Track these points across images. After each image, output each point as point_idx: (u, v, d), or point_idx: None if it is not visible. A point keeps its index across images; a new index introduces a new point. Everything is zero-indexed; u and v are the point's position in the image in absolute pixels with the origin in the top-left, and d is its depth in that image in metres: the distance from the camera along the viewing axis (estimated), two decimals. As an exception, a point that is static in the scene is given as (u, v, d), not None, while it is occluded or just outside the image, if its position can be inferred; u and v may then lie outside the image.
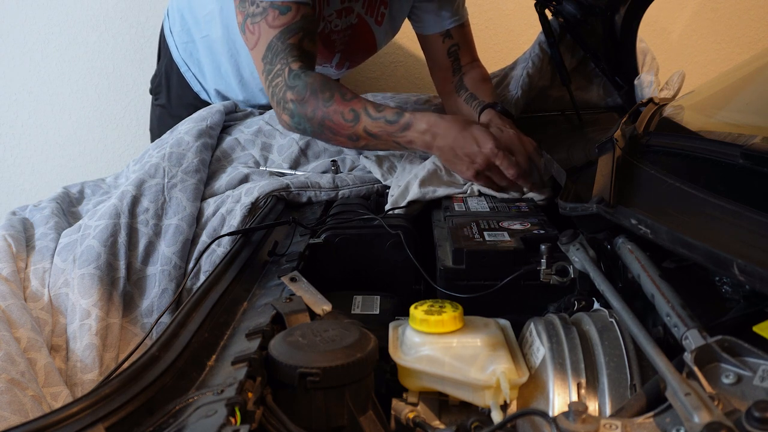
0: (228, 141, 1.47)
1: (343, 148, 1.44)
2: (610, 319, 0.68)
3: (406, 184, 1.19)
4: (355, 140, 1.23)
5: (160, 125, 1.67)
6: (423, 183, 1.18)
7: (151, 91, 1.78)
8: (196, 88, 1.69)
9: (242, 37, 1.31)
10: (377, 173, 1.30)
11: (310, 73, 1.23)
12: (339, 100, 1.20)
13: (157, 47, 1.81)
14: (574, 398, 0.62)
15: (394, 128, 1.18)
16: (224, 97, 1.66)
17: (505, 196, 1.17)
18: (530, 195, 1.18)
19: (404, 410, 0.67)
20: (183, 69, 1.68)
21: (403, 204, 1.17)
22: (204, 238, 1.22)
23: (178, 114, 1.58)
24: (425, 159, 1.27)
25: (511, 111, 1.49)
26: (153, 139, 1.69)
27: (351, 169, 1.40)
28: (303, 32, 1.25)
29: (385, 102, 1.57)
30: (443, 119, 1.18)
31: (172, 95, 1.70)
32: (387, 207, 1.18)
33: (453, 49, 1.52)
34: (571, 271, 0.81)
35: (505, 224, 0.98)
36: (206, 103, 1.62)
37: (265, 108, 1.62)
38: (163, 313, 1.08)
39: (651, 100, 1.22)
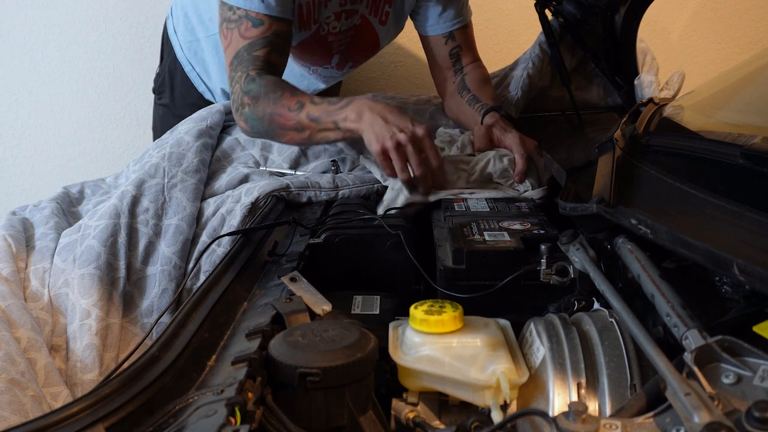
0: (228, 141, 1.47)
1: (342, 148, 1.44)
2: (610, 319, 0.68)
3: (400, 187, 1.19)
4: (300, 130, 1.24)
5: (163, 125, 1.67)
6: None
7: (154, 91, 1.77)
8: (201, 88, 1.68)
9: (219, 37, 1.34)
10: (377, 173, 1.30)
11: (266, 76, 1.27)
12: (288, 96, 1.24)
13: (157, 46, 1.80)
14: (574, 398, 0.62)
15: (333, 107, 1.20)
16: (230, 96, 1.66)
17: (493, 195, 1.17)
18: (528, 194, 1.18)
19: (404, 410, 0.67)
20: (187, 69, 1.67)
21: (398, 206, 1.17)
22: (204, 238, 1.22)
23: (181, 114, 1.58)
24: None
25: (511, 111, 1.49)
26: (156, 139, 1.68)
27: (351, 169, 1.40)
28: (271, 47, 1.27)
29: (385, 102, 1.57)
30: (385, 101, 1.21)
31: (175, 95, 1.70)
32: (380, 209, 1.19)
33: (455, 51, 1.52)
34: (571, 271, 0.81)
35: (505, 224, 0.98)
36: (210, 103, 1.62)
37: None
38: (163, 313, 1.08)
39: (651, 100, 1.22)
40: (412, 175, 1.13)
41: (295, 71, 1.56)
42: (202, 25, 1.62)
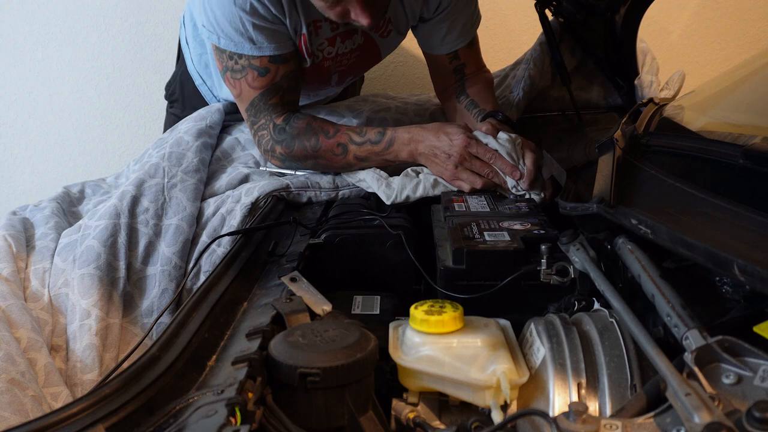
0: (228, 141, 1.47)
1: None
2: (611, 320, 0.68)
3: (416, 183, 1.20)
4: (348, 167, 1.30)
5: None
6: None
7: (166, 98, 1.74)
8: (212, 102, 1.64)
9: (224, 82, 1.34)
10: (374, 186, 1.28)
11: (292, 123, 1.29)
12: (324, 140, 1.27)
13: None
14: (575, 398, 0.62)
15: (379, 148, 1.25)
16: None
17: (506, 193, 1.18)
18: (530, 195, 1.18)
19: (404, 410, 0.67)
20: (198, 82, 1.63)
21: (415, 197, 1.20)
22: (204, 238, 1.22)
23: None
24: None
25: (512, 112, 1.48)
26: None
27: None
28: (283, 90, 1.29)
29: (382, 102, 1.57)
30: (421, 127, 1.24)
31: (186, 105, 1.67)
32: (391, 200, 1.20)
33: (459, 68, 1.47)
34: (572, 271, 0.81)
35: (505, 224, 0.98)
36: None
37: None
38: (163, 312, 1.08)
39: (651, 100, 1.22)
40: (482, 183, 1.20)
41: None
42: None
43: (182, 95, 1.68)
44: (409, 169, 1.26)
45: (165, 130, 1.72)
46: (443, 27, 1.41)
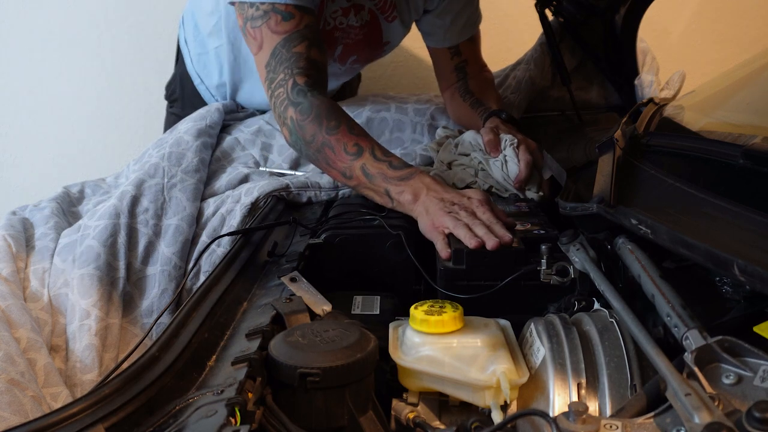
0: (228, 141, 1.47)
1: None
2: (611, 320, 0.68)
3: None
4: (347, 177, 1.12)
5: None
6: None
7: (166, 98, 1.74)
8: (211, 102, 1.63)
9: (245, 40, 1.25)
10: None
11: (317, 94, 1.15)
12: (345, 131, 1.11)
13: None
14: (575, 398, 0.62)
15: (393, 173, 1.07)
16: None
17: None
18: (528, 194, 1.18)
19: (404, 410, 0.67)
20: (196, 82, 1.63)
21: None
22: (204, 238, 1.22)
23: None
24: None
25: (513, 113, 1.48)
26: None
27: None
28: (309, 41, 1.17)
29: (383, 101, 1.57)
30: (437, 181, 1.06)
31: (186, 104, 1.67)
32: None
33: (461, 65, 1.49)
34: (572, 271, 0.81)
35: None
36: None
37: None
38: (162, 312, 1.08)
39: (651, 100, 1.22)
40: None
41: None
42: (210, 37, 1.57)
43: (182, 95, 1.68)
44: None
45: (165, 130, 1.72)
46: (447, 19, 1.42)
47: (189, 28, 1.61)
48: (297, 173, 1.36)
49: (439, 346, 0.68)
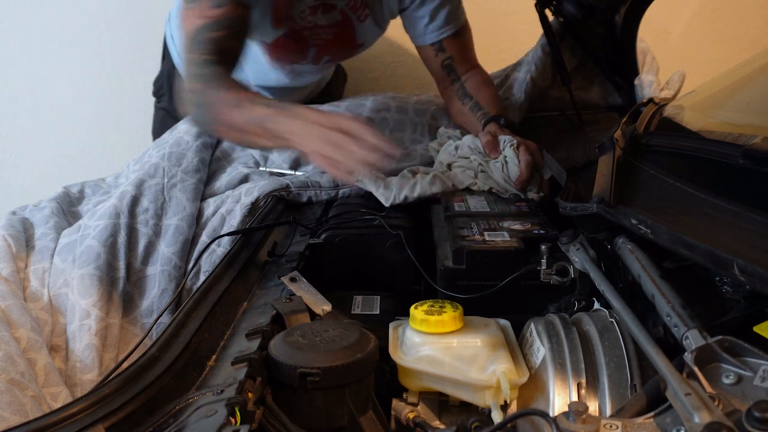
0: (228, 141, 1.47)
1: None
2: (611, 320, 0.68)
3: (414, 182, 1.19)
4: (232, 128, 1.15)
5: (162, 128, 1.65)
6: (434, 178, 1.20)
7: (154, 94, 1.77)
8: None
9: (179, 20, 1.28)
10: (371, 188, 1.27)
11: (220, 67, 1.19)
12: (234, 90, 1.15)
13: (157, 47, 1.80)
14: (575, 398, 0.62)
15: (272, 106, 1.10)
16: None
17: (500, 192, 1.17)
18: (529, 194, 1.18)
19: (404, 410, 0.67)
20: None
21: (414, 197, 1.17)
22: (204, 238, 1.22)
23: (180, 117, 1.57)
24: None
25: (514, 115, 1.48)
26: None
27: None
28: (228, 30, 1.21)
29: (383, 101, 1.57)
30: (318, 109, 1.10)
31: (174, 98, 1.69)
32: (390, 201, 1.17)
33: (447, 63, 1.46)
34: (572, 271, 0.81)
35: (505, 224, 0.98)
36: None
37: None
38: (162, 312, 1.08)
39: (651, 100, 1.22)
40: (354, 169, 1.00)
41: (262, 62, 1.53)
42: None
43: (170, 90, 1.70)
44: (405, 170, 1.26)
45: (154, 125, 1.74)
46: (425, 14, 1.41)
47: (174, 23, 1.62)
48: (297, 173, 1.36)
49: (439, 346, 0.68)
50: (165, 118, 1.71)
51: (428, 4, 1.41)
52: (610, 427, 0.49)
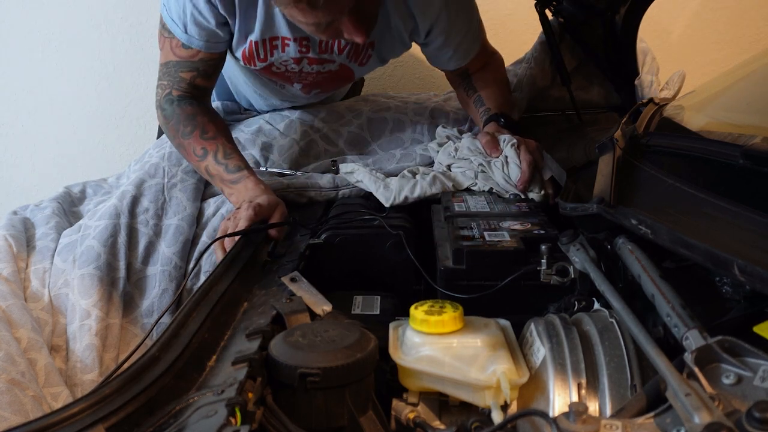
0: (228, 141, 1.47)
1: (343, 148, 1.44)
2: (611, 320, 0.68)
3: (414, 183, 1.19)
4: (200, 172, 1.27)
5: None
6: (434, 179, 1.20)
7: None
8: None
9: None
10: (371, 187, 1.27)
11: (184, 103, 1.27)
12: (197, 137, 1.24)
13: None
14: (575, 399, 0.62)
15: (229, 177, 1.21)
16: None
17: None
18: (529, 194, 1.18)
19: (404, 410, 0.67)
20: None
21: (414, 197, 1.17)
22: (204, 238, 1.22)
23: None
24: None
25: (513, 114, 1.47)
26: None
27: (351, 169, 1.40)
28: (197, 72, 1.27)
29: (382, 101, 1.56)
30: (257, 190, 1.17)
31: None
32: (390, 202, 1.17)
33: (464, 71, 1.45)
34: (572, 271, 0.81)
35: (505, 224, 0.98)
36: None
37: None
38: (164, 313, 1.08)
39: (651, 100, 1.22)
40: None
41: (255, 95, 1.53)
42: None
43: None
44: (405, 171, 1.26)
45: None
46: (447, 51, 1.37)
47: None
48: (297, 173, 1.36)
49: (439, 346, 0.67)
50: None
51: (449, 43, 1.35)
52: (610, 427, 0.49)
